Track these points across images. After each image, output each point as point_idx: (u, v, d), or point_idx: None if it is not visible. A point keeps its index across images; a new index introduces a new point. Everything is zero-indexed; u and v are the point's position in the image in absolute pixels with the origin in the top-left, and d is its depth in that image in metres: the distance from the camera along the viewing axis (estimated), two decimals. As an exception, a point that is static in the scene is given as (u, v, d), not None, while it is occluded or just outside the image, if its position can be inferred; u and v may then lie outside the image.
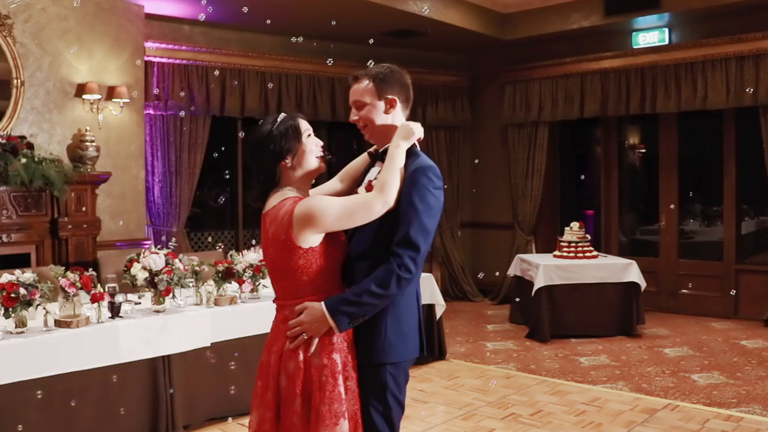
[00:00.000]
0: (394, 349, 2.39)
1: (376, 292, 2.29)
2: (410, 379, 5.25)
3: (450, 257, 9.41)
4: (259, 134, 2.41)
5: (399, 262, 2.30)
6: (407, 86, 2.60)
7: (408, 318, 2.44)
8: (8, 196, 5.91)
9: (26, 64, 6.17)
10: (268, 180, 2.42)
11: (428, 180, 2.39)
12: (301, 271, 2.33)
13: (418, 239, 2.32)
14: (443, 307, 6.21)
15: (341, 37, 8.40)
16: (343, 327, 2.31)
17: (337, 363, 2.32)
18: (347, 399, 2.33)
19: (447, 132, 9.39)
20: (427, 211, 2.36)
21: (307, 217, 2.28)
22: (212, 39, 7.98)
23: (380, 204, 2.34)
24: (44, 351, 3.74)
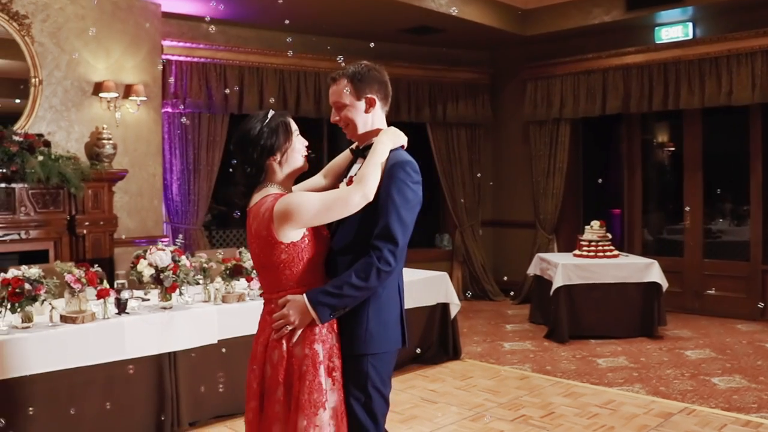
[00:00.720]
0: (375, 340, 2.43)
1: (357, 285, 2.34)
2: (422, 379, 5.26)
3: (471, 256, 9.32)
4: (250, 129, 2.42)
5: (378, 255, 2.35)
6: (385, 83, 2.61)
7: (390, 309, 2.49)
8: (27, 193, 5.98)
9: (44, 63, 6.23)
10: (255, 175, 2.44)
11: (406, 174, 2.43)
12: (284, 266, 2.38)
13: (397, 233, 2.37)
14: (458, 306, 6.13)
15: (360, 34, 8.34)
16: (325, 318, 2.36)
17: (319, 353, 2.36)
18: (332, 390, 2.37)
19: (467, 129, 9.29)
20: (405, 204, 2.41)
21: (287, 213, 2.32)
22: (230, 37, 8.00)
23: (358, 196, 2.37)
24: (49, 346, 3.75)
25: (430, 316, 6.00)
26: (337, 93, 2.55)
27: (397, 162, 2.46)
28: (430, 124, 9.09)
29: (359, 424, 2.42)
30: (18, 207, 5.96)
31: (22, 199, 5.96)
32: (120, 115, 6.70)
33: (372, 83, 2.55)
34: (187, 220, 7.61)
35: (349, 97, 2.53)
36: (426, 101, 8.97)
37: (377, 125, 2.59)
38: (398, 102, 8.80)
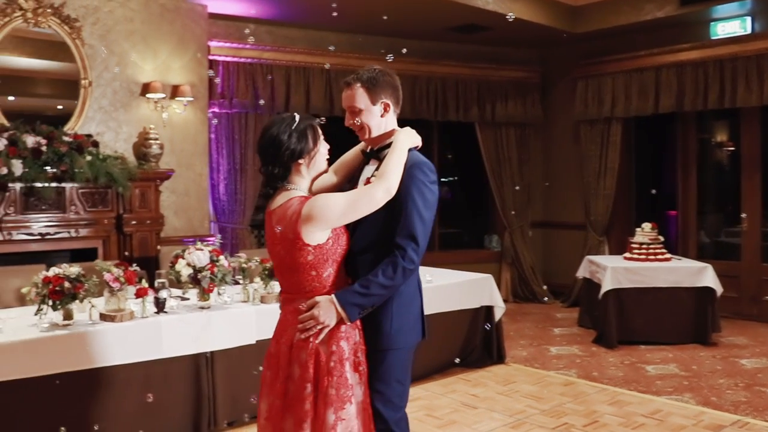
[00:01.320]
0: (400, 335, 2.56)
1: (384, 284, 2.43)
2: (464, 383, 5.18)
3: (520, 258, 9.15)
4: (280, 132, 2.46)
5: (403, 254, 2.45)
6: (397, 88, 2.69)
7: (413, 305, 2.63)
8: (76, 192, 6.10)
9: (94, 65, 6.35)
10: (281, 177, 2.49)
11: (424, 175, 2.52)
12: (310, 267, 2.44)
13: (419, 232, 2.47)
14: (502, 309, 6.01)
15: (407, 33, 8.29)
16: (354, 317, 2.45)
17: (345, 350, 2.45)
18: (358, 384, 2.47)
19: (517, 129, 9.13)
20: (425, 204, 2.50)
21: (315, 215, 2.38)
22: (277, 37, 8.03)
23: (381, 191, 2.45)
24: (88, 344, 3.79)
25: (474, 319, 5.89)
26: (352, 98, 2.60)
27: (414, 163, 2.54)
28: (478, 123, 8.96)
29: (381, 415, 2.53)
30: (68, 206, 6.09)
31: (71, 198, 6.09)
32: (167, 115, 6.79)
33: (386, 88, 2.62)
34: (234, 219, 7.66)
35: (364, 101, 2.58)
36: (474, 100, 8.84)
37: (390, 128, 2.67)
38: (446, 101, 8.71)
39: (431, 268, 6.36)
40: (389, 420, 2.56)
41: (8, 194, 5.75)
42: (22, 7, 5.92)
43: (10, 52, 5.95)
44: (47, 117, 6.07)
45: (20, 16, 5.92)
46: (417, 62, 8.50)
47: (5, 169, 5.52)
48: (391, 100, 2.63)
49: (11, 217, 5.80)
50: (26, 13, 5.94)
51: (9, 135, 5.65)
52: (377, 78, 2.60)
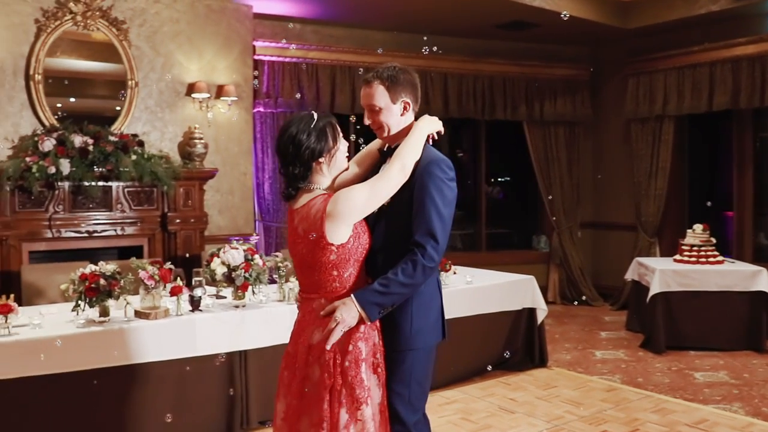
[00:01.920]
0: (420, 336, 2.52)
1: (404, 282, 2.39)
2: (503, 386, 5.08)
3: (568, 259, 8.96)
4: (299, 131, 2.43)
5: (423, 252, 2.41)
6: (416, 86, 2.63)
7: (432, 305, 2.58)
8: (122, 191, 6.23)
9: (140, 65, 6.47)
10: (302, 177, 2.46)
11: (443, 172, 2.49)
12: (332, 266, 2.42)
13: (438, 229, 2.43)
14: (545, 311, 5.88)
15: (453, 31, 8.21)
16: (374, 317, 2.41)
17: (362, 351, 2.41)
18: (377, 386, 2.44)
19: (566, 128, 8.93)
20: (444, 201, 2.46)
21: (340, 211, 2.36)
22: (323, 37, 8.03)
23: (397, 170, 2.44)
24: (121, 340, 3.85)
25: (516, 321, 5.78)
26: (371, 96, 2.56)
27: (432, 159, 2.50)
28: (526, 122, 8.80)
29: (399, 417, 2.50)
30: (114, 204, 6.22)
31: (118, 196, 6.22)
32: (212, 115, 6.87)
33: (406, 86, 2.57)
34: (278, 218, 7.69)
35: (384, 100, 2.54)
36: (522, 99, 8.69)
37: (406, 125, 2.63)
38: (494, 99, 8.58)
39: (471, 268, 6.28)
40: (408, 422, 2.53)
41: (57, 193, 5.91)
42: (72, 11, 6.07)
43: (60, 55, 6.10)
44: (96, 117, 6.21)
45: (70, 19, 6.08)
46: (464, 60, 8.41)
47: (53, 168, 5.67)
48: (411, 99, 2.59)
49: (60, 215, 5.96)
50: (76, 17, 6.09)
51: (58, 135, 5.81)
52: (397, 76, 2.55)
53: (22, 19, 5.93)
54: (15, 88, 5.93)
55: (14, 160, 5.70)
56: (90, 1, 6.13)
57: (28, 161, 5.64)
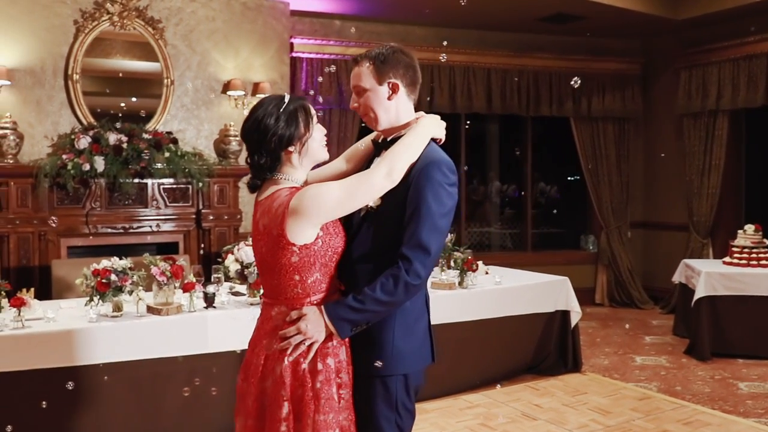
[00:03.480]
0: (404, 359, 2.21)
1: (382, 299, 2.09)
2: (530, 391, 4.91)
3: (617, 259, 8.64)
4: (266, 114, 2.15)
5: (408, 267, 2.09)
6: (413, 67, 2.30)
7: (417, 322, 2.26)
8: (157, 188, 6.31)
9: (176, 64, 6.53)
10: (269, 167, 2.18)
11: (443, 175, 2.16)
12: (293, 270, 2.13)
13: (430, 242, 2.11)
14: (579, 314, 5.65)
15: (495, 25, 8.03)
16: (345, 334, 2.14)
17: (332, 368, 2.14)
18: (341, 409, 2.15)
19: (616, 124, 8.61)
20: (441, 210, 2.14)
21: (303, 208, 2.06)
22: (363, 33, 7.97)
23: (381, 176, 2.11)
24: (130, 335, 3.87)
25: (548, 323, 5.58)
26: (358, 76, 2.28)
27: (433, 160, 2.17)
28: (573, 118, 8.53)
29: None
30: (150, 201, 6.31)
31: (153, 193, 6.30)
32: (247, 112, 6.86)
33: (396, 66, 2.26)
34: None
35: (369, 80, 2.25)
36: (569, 94, 8.42)
37: (402, 115, 2.30)
38: (539, 95, 8.35)
39: (506, 269, 6.12)
40: None
41: (94, 189, 6.03)
42: (109, 11, 6.18)
43: (98, 55, 6.22)
44: (133, 115, 6.31)
45: (107, 19, 6.19)
46: (507, 55, 8.21)
47: (88, 165, 5.78)
48: (402, 81, 2.25)
49: (97, 211, 6.08)
50: (113, 17, 6.20)
51: (94, 133, 5.92)
52: (387, 55, 2.25)
53: (62, 21, 6.07)
54: (55, 88, 6.08)
55: (52, 157, 5.85)
56: (126, 2, 6.23)
57: (64, 158, 5.77)
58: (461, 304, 5.08)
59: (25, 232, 5.81)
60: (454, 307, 5.04)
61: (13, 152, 5.74)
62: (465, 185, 8.79)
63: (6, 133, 5.70)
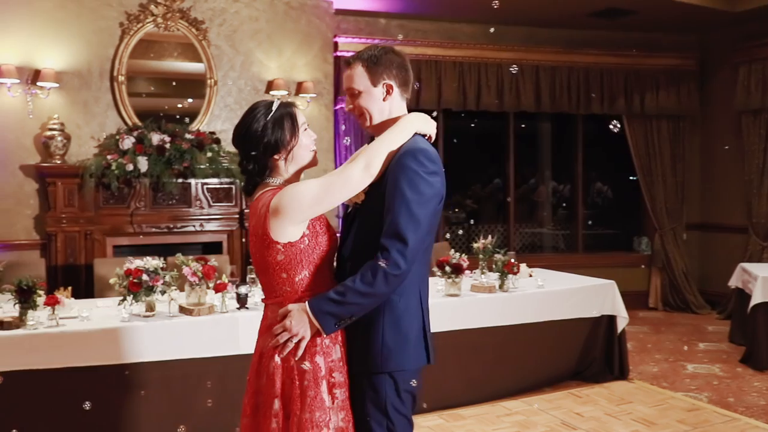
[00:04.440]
0: (394, 357, 2.19)
1: (362, 291, 2.09)
2: (573, 399, 4.75)
3: (671, 262, 8.33)
4: (252, 122, 2.20)
5: (386, 257, 2.09)
6: (405, 68, 2.33)
7: (409, 322, 2.22)
8: (201, 188, 6.36)
9: (219, 64, 6.57)
10: (258, 173, 2.24)
11: (418, 164, 2.15)
12: (280, 268, 2.17)
13: (407, 231, 2.09)
14: (626, 319, 5.45)
15: (543, 21, 7.84)
16: (329, 329, 2.13)
17: (321, 367, 2.15)
18: (334, 409, 2.16)
19: (670, 122, 8.31)
20: (418, 198, 2.12)
21: (282, 207, 2.10)
22: (409, 31, 7.88)
23: (358, 170, 2.14)
24: (161, 336, 3.87)
25: (594, 329, 5.39)
26: (351, 78, 2.29)
27: (407, 150, 2.17)
28: (626, 116, 8.26)
29: None
30: (193, 201, 6.36)
31: (197, 193, 6.35)
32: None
33: (389, 67, 2.27)
34: (362, 215, 7.62)
35: (364, 82, 2.26)
36: (621, 91, 8.17)
37: (396, 114, 2.32)
38: (589, 92, 8.12)
39: (551, 271, 5.96)
40: None
41: (139, 189, 6.10)
42: (153, 13, 6.25)
43: (142, 56, 6.30)
44: (177, 115, 6.38)
45: (152, 21, 6.26)
46: (556, 52, 8.01)
47: (131, 165, 5.86)
48: (395, 82, 2.28)
49: (142, 211, 6.16)
50: (157, 18, 6.27)
51: (138, 134, 6.00)
52: (379, 56, 2.27)
53: (108, 24, 6.17)
54: (101, 89, 6.18)
55: (97, 157, 5.94)
56: (170, 3, 6.29)
57: (108, 159, 5.86)
58: (501, 307, 4.95)
59: (72, 231, 5.92)
60: (494, 310, 4.91)
61: (60, 153, 5.85)
62: (514, 185, 8.60)
63: (54, 134, 5.82)
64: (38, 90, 5.89)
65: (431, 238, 2.26)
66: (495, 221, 8.88)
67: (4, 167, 5.89)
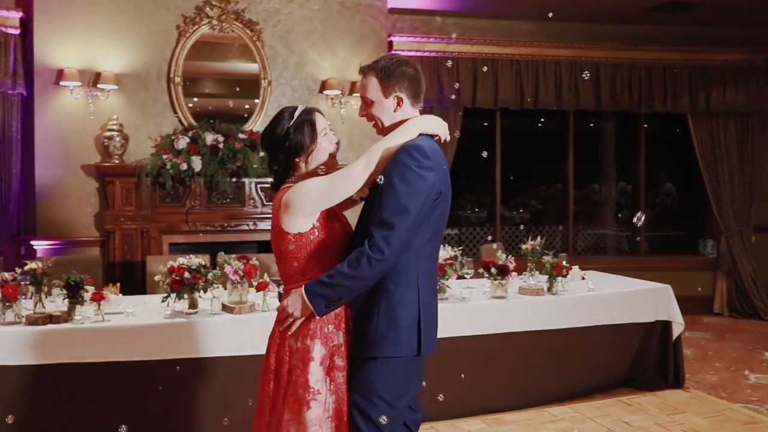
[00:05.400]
0: (384, 343, 2.29)
1: (347, 273, 2.21)
2: (623, 407, 4.63)
3: (738, 266, 8.00)
4: (276, 127, 2.43)
5: (371, 242, 2.20)
6: (416, 80, 2.43)
7: (403, 310, 2.31)
8: (254, 187, 6.45)
9: (274, 65, 6.65)
10: (282, 173, 2.48)
11: (412, 159, 2.24)
12: (292, 257, 2.36)
13: (393, 218, 2.20)
14: (681, 325, 5.24)
15: (604, 17, 7.64)
16: (320, 310, 2.26)
17: (310, 349, 2.30)
18: (328, 391, 2.30)
19: (737, 120, 7.97)
20: (407, 190, 2.22)
21: (291, 203, 2.30)
22: (466, 29, 7.80)
23: (361, 167, 2.29)
24: (204, 333, 3.94)
25: (647, 334, 5.22)
26: (365, 88, 2.43)
27: (405, 147, 2.28)
28: (690, 114, 7.97)
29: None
30: (247, 200, 6.45)
31: (250, 192, 6.45)
32: (345, 111, 6.90)
33: (401, 80, 2.39)
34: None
35: (376, 93, 2.39)
36: (685, 88, 7.88)
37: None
38: (651, 90, 7.87)
39: (601, 273, 5.82)
40: None
41: (194, 188, 6.24)
42: (208, 15, 6.38)
43: (198, 58, 6.44)
44: (231, 116, 6.49)
45: (207, 23, 6.39)
46: (617, 48, 7.79)
47: (185, 165, 5.99)
48: (406, 94, 2.39)
49: (196, 209, 6.30)
50: (212, 20, 6.39)
51: (192, 134, 6.13)
52: (392, 69, 2.38)
53: (165, 26, 6.33)
54: (158, 91, 6.34)
55: (153, 157, 6.10)
56: (225, 5, 6.40)
57: (164, 158, 6.01)
58: (548, 310, 4.84)
59: (129, 228, 6.10)
60: (541, 313, 4.80)
61: (119, 153, 6.03)
62: (574, 186, 8.42)
63: (112, 134, 6.00)
64: (99, 92, 6.09)
65: (433, 233, 2.34)
66: (558, 222, 8.70)
67: (67, 167, 6.12)
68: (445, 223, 2.46)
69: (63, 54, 6.04)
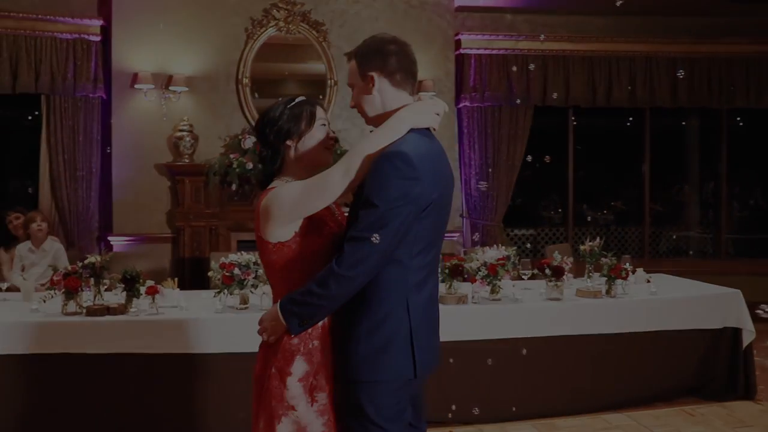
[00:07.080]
0: (370, 366, 2.05)
1: (318, 292, 2.01)
2: (685, 417, 4.45)
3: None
4: (272, 109, 2.25)
5: (340, 259, 1.99)
6: (394, 54, 2.14)
7: (389, 330, 2.06)
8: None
9: (340, 65, 6.74)
10: (271, 159, 2.24)
11: (393, 168, 1.98)
12: (276, 267, 2.17)
13: (367, 233, 1.96)
14: (752, 333, 4.96)
15: (680, 10, 7.34)
16: (294, 328, 2.07)
17: (290, 363, 2.12)
18: (305, 409, 2.12)
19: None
20: (386, 203, 1.96)
21: (269, 209, 2.11)
22: (536, 26, 7.68)
23: (340, 174, 2.06)
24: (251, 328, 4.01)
25: (715, 342, 4.96)
26: (348, 74, 2.23)
27: (387, 153, 2.01)
28: (777, 109, 7.57)
29: None
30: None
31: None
32: (410, 111, 6.90)
33: (372, 58, 2.14)
34: (485, 215, 7.53)
35: (355, 77, 2.18)
36: (771, 82, 7.49)
37: (391, 106, 2.17)
38: (733, 85, 7.50)
39: (668, 276, 5.61)
40: None
41: (266, 187, 6.40)
42: (275, 17, 6.54)
43: (265, 59, 6.60)
44: (298, 116, 6.61)
45: (274, 25, 6.55)
46: (694, 42, 7.49)
47: (251, 164, 6.15)
48: (380, 72, 2.12)
49: (263, 207, 6.44)
50: (279, 22, 6.55)
51: (258, 134, 6.28)
52: (364, 48, 2.17)
53: (234, 30, 6.53)
54: (227, 92, 6.56)
55: (221, 156, 6.30)
56: (291, 7, 6.55)
57: (231, 158, 6.20)
58: (606, 314, 4.68)
59: (198, 225, 6.33)
60: (598, 317, 4.65)
61: (188, 152, 6.27)
62: (650, 186, 8.13)
63: (183, 135, 6.24)
64: (171, 94, 6.35)
65: (425, 244, 2.10)
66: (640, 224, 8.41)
67: (141, 166, 6.41)
68: (443, 231, 2.20)
69: (138, 58, 6.33)
